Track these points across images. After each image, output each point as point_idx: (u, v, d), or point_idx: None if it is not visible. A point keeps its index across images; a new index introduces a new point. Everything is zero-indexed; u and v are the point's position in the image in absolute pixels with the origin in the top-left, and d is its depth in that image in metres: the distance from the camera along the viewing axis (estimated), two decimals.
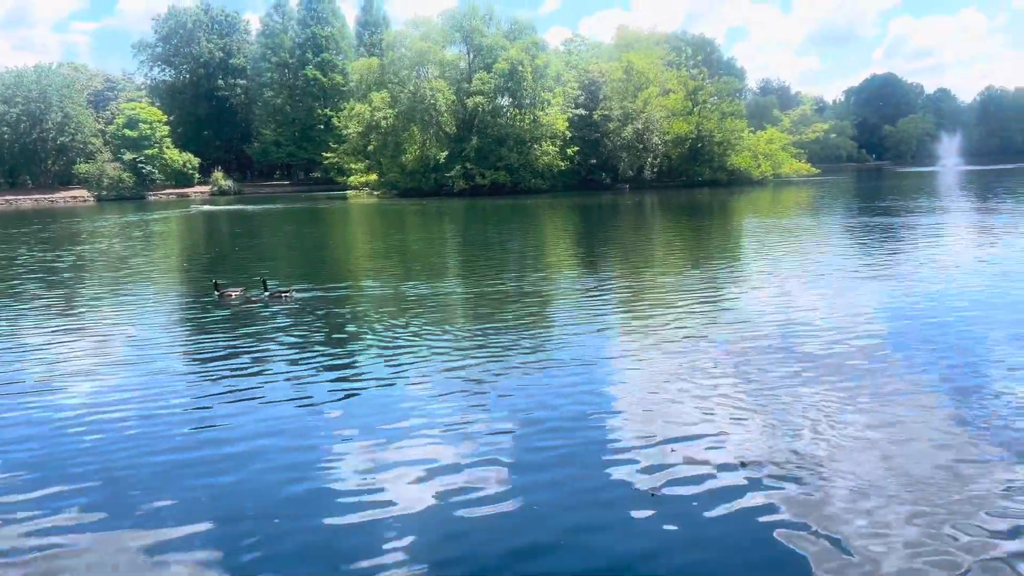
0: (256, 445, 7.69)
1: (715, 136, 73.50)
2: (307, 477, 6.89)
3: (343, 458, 7.30)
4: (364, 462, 7.17)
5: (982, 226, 28.16)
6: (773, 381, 9.11)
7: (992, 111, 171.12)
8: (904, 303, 13.76)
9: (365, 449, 7.50)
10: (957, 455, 6.80)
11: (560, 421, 8.05)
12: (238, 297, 16.28)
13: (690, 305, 14.13)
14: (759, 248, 24.11)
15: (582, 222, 40.40)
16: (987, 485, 6.20)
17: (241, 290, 16.73)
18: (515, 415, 8.30)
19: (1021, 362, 9.64)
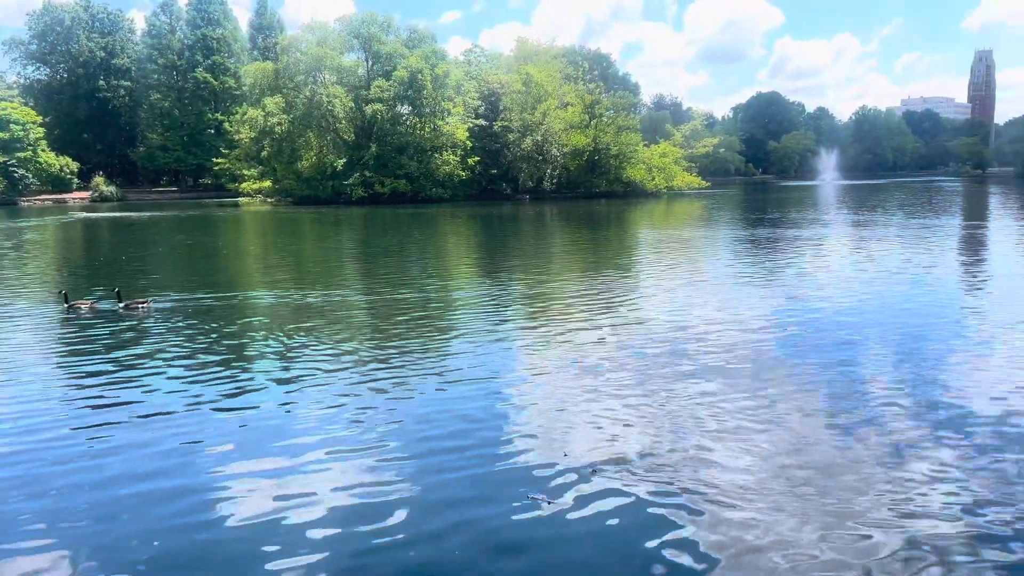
0: (130, 468, 7.13)
1: (611, 149, 75.25)
2: (187, 497, 6.44)
3: (226, 474, 6.88)
4: (249, 480, 6.78)
5: (857, 237, 29.83)
6: (665, 385, 9.23)
7: (866, 129, 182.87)
8: (787, 310, 14.32)
9: (249, 467, 7.10)
10: (836, 455, 7.03)
11: (457, 434, 7.86)
12: (89, 309, 15.29)
13: (588, 314, 14.22)
14: (654, 258, 24.68)
15: (483, 232, 40.37)
16: (863, 482, 6.41)
17: (91, 302, 15.76)
18: (411, 427, 8.08)
19: (895, 365, 10.13)
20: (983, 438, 7.36)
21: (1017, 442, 7.25)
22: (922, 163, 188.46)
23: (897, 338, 11.74)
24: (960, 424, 7.76)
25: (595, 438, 7.61)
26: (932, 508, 5.95)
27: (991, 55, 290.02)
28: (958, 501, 6.06)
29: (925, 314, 13.73)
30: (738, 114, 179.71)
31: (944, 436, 7.43)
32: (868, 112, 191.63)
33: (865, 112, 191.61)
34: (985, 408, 8.22)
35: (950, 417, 7.96)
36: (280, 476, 6.83)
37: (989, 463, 6.77)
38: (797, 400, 8.65)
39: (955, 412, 8.12)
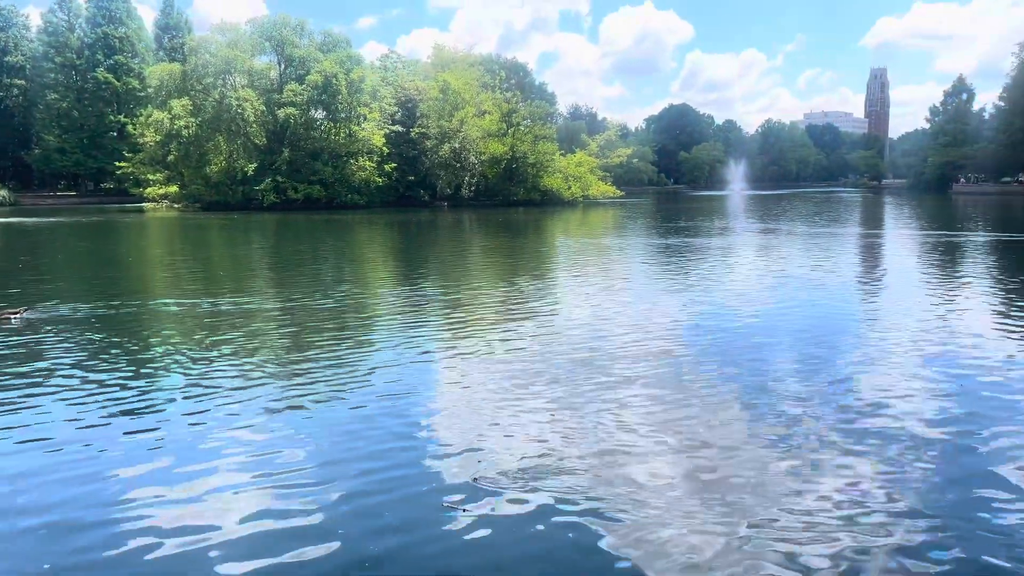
0: (27, 500, 6.62)
1: (529, 158, 75.82)
2: (91, 531, 6.00)
3: (133, 501, 6.45)
4: (157, 508, 6.37)
5: (765, 245, 30.88)
6: (581, 393, 9.24)
7: (771, 142, 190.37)
8: (699, 316, 14.61)
9: (156, 492, 6.67)
10: (746, 458, 7.13)
11: (374, 446, 7.64)
12: None
13: (505, 321, 14.18)
14: (571, 265, 24.89)
15: (401, 239, 39.91)
16: (774, 480, 6.53)
17: None
18: (327, 441, 7.81)
19: (800, 369, 10.44)
20: (884, 437, 7.61)
21: (914, 441, 7.53)
22: (823, 174, 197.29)
23: (802, 342, 12.11)
24: (861, 424, 8.03)
25: (512, 446, 7.52)
26: (839, 508, 6.09)
27: (885, 73, 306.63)
28: (861, 500, 6.23)
29: (828, 317, 14.27)
30: (651, 125, 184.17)
31: (847, 437, 7.67)
32: (773, 125, 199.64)
33: (771, 125, 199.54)
34: (883, 408, 8.52)
35: (852, 418, 8.24)
36: (190, 502, 6.37)
37: (889, 462, 7.00)
38: (709, 405, 8.79)
39: (856, 413, 8.40)
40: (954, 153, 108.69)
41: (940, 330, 12.77)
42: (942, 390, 9.16)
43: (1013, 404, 8.61)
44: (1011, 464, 6.85)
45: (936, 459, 7.00)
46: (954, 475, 6.64)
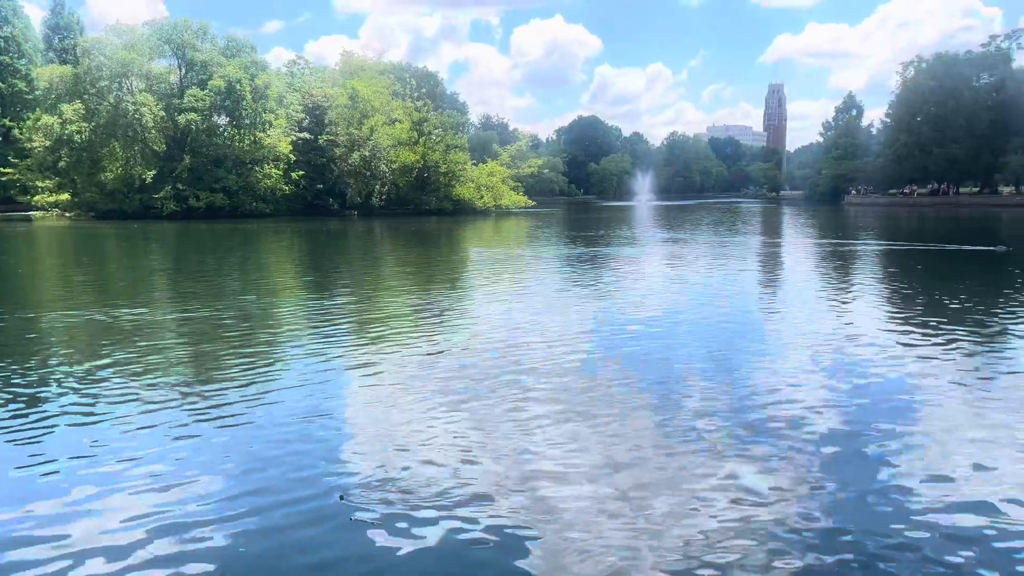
0: None
1: (441, 167, 75.68)
2: None
3: (21, 536, 5.94)
4: (49, 545, 5.88)
5: (672, 253, 31.69)
6: (494, 400, 9.15)
7: (676, 154, 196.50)
8: (609, 323, 14.78)
9: (46, 527, 6.17)
10: (657, 467, 7.20)
11: (279, 465, 7.30)
12: None
13: (416, 332, 13.97)
14: (483, 275, 24.83)
15: (309, 248, 38.98)
16: (690, 488, 6.59)
17: None
18: (232, 461, 7.42)
19: (709, 374, 10.67)
20: (793, 441, 7.82)
21: (819, 443, 7.76)
22: (726, 185, 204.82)
23: (709, 348, 12.39)
24: (767, 430, 8.21)
25: (425, 461, 7.35)
26: (752, 514, 6.18)
27: (783, 88, 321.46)
28: (771, 507, 6.35)
29: (733, 323, 14.65)
30: (561, 136, 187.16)
31: (756, 441, 7.83)
32: (678, 138, 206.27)
33: (676, 138, 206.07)
34: (788, 413, 8.76)
35: (759, 424, 8.43)
36: (81, 541, 5.93)
37: (797, 465, 7.19)
38: (619, 413, 8.84)
39: (762, 419, 8.61)
40: (845, 166, 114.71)
41: (837, 335, 13.30)
42: (842, 393, 9.49)
43: (907, 406, 9.01)
44: (909, 464, 7.13)
45: (839, 462, 7.22)
46: (858, 475, 6.86)
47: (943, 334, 12.95)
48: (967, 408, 8.84)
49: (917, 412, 8.72)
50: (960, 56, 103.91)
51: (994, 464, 7.04)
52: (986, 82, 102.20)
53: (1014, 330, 13.50)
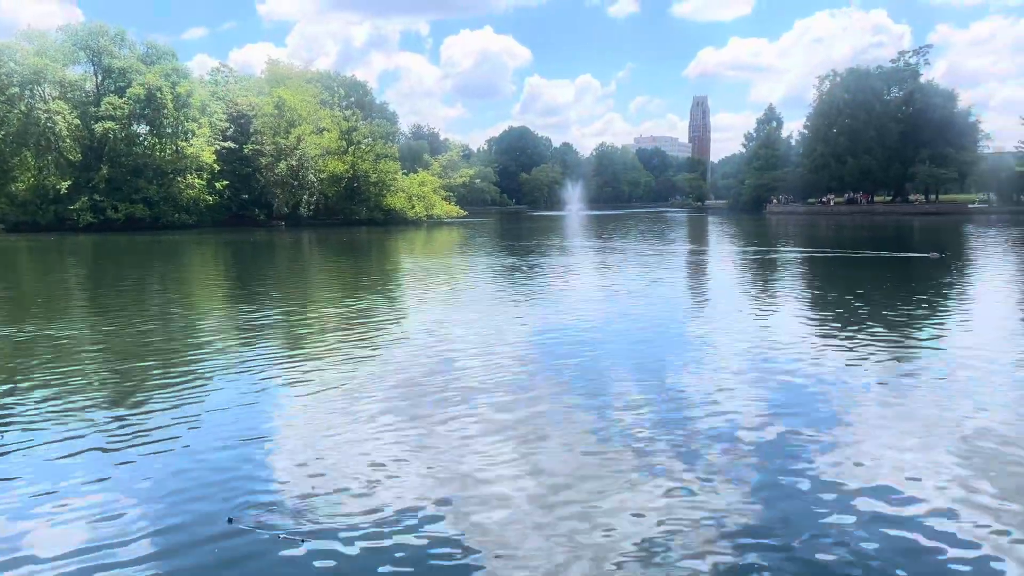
0: None
1: (371, 176, 74.90)
2: None
3: None
4: None
5: (602, 262, 32.10)
6: (427, 411, 9.07)
7: (605, 164, 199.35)
8: (542, 332, 14.84)
9: None
10: (594, 468, 7.24)
11: (205, 487, 7.05)
12: None
13: (347, 345, 13.74)
14: (416, 285, 24.65)
15: (234, 260, 37.97)
16: (619, 491, 6.64)
17: None
18: (153, 482, 7.13)
19: (641, 381, 10.81)
20: (724, 443, 7.97)
21: (749, 445, 7.94)
22: (653, 195, 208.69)
23: (639, 354, 12.57)
24: (699, 435, 8.35)
25: (357, 477, 7.21)
26: (685, 515, 6.26)
27: (707, 101, 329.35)
28: (705, 509, 6.44)
29: (661, 329, 14.92)
30: (493, 146, 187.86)
31: (688, 445, 7.95)
32: (607, 148, 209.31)
33: (604, 148, 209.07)
34: (720, 416, 8.94)
35: (692, 429, 8.57)
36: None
37: (727, 466, 7.33)
38: (554, 422, 8.86)
39: (694, 423, 8.76)
40: (767, 176, 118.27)
41: (764, 339, 13.66)
42: (770, 397, 9.74)
43: (829, 405, 9.30)
44: (831, 461, 7.35)
45: (769, 463, 7.38)
46: (787, 475, 7.03)
47: (866, 337, 13.44)
48: (886, 407, 9.18)
49: (838, 411, 8.99)
50: (872, 71, 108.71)
51: (912, 459, 7.31)
52: (896, 96, 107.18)
53: (933, 332, 14.11)
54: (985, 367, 11.07)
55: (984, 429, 8.18)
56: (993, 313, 17.14)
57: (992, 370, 10.92)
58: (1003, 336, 13.86)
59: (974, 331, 14.46)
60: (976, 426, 8.28)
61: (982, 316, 16.50)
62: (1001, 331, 14.45)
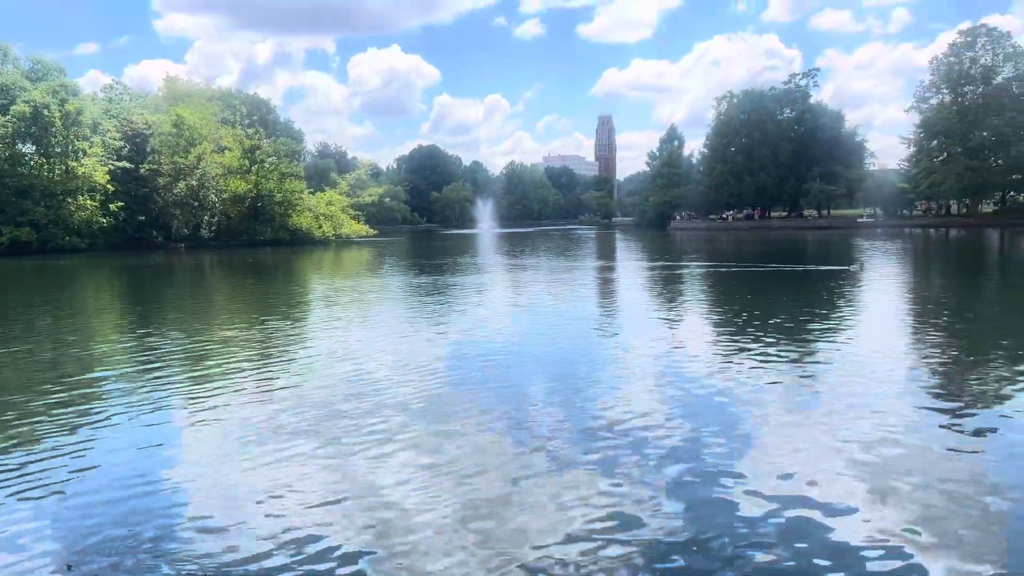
0: None
1: (275, 196, 73.11)
2: None
3: None
4: None
5: (514, 279, 32.24)
6: (338, 436, 8.80)
7: (515, 183, 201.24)
8: (456, 351, 14.71)
9: None
10: (512, 487, 7.16)
11: (106, 525, 6.59)
12: None
13: (255, 372, 13.24)
14: (325, 306, 24.10)
15: (130, 285, 36.18)
16: (543, 511, 6.58)
17: None
18: (47, 526, 6.61)
19: (558, 393, 10.83)
20: (637, 455, 8.01)
21: (662, 454, 8.02)
22: (562, 213, 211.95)
23: (554, 369, 12.62)
24: (616, 446, 8.39)
25: (269, 510, 6.89)
26: (603, 527, 6.24)
27: (612, 120, 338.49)
28: (623, 518, 6.44)
29: (575, 344, 15.02)
30: (402, 165, 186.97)
31: (602, 458, 7.97)
32: (516, 167, 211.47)
33: (514, 167, 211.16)
34: (634, 428, 9.02)
35: (609, 441, 8.59)
36: None
37: (640, 476, 7.37)
38: (470, 443, 8.74)
39: (610, 435, 8.79)
40: (670, 193, 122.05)
41: (670, 351, 13.95)
42: (680, 407, 9.90)
43: (740, 416, 9.53)
44: (742, 466, 7.51)
45: (680, 471, 7.48)
46: (697, 481, 7.14)
47: (774, 347, 13.89)
48: (793, 414, 9.49)
49: (744, 418, 9.25)
50: (766, 92, 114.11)
51: (818, 464, 7.55)
52: (788, 116, 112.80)
53: (836, 341, 14.71)
54: (886, 372, 11.63)
55: (879, 431, 8.54)
56: (893, 320, 18.05)
57: (891, 375, 11.48)
58: (903, 342, 14.62)
59: (876, 337, 15.18)
60: (872, 428, 8.64)
61: (884, 323, 17.36)
62: (902, 337, 15.24)
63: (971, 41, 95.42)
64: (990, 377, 11.55)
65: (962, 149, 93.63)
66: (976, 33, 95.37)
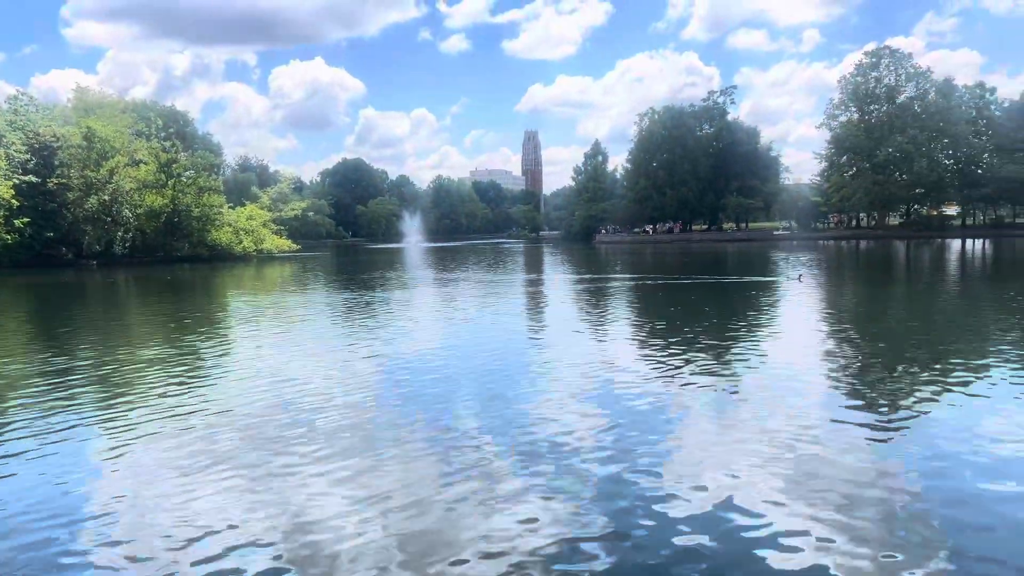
0: None
1: (193, 211, 70.86)
2: None
3: None
4: None
5: (442, 293, 32.02)
6: (264, 458, 8.49)
7: (442, 197, 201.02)
8: (385, 367, 14.43)
9: None
10: (441, 501, 7.01)
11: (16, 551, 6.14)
12: None
13: (174, 393, 12.68)
14: (247, 324, 23.39)
15: (36, 305, 34.31)
16: (475, 523, 6.46)
17: None
18: None
19: (488, 406, 10.72)
20: (566, 464, 8.00)
21: (591, 463, 8.02)
22: (491, 227, 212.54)
23: (483, 383, 12.52)
24: (544, 458, 8.35)
25: (191, 538, 6.55)
26: (534, 542, 6.18)
27: (537, 135, 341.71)
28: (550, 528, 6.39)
29: (504, 357, 14.98)
30: (326, 179, 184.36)
31: (532, 469, 7.93)
32: (444, 181, 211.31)
33: (441, 181, 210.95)
34: (563, 438, 8.99)
35: (536, 452, 8.56)
36: None
37: (571, 486, 7.34)
38: (401, 457, 8.57)
39: (539, 445, 8.76)
40: (595, 208, 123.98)
41: (599, 363, 14.02)
42: (608, 418, 9.96)
43: (663, 421, 9.65)
44: (668, 473, 7.59)
45: (609, 479, 7.52)
46: (626, 488, 7.19)
47: (701, 356, 14.12)
48: (716, 420, 9.66)
49: (672, 427, 9.39)
50: (685, 108, 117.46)
51: (739, 467, 7.71)
52: (707, 131, 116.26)
53: (758, 350, 15.06)
54: (805, 377, 11.98)
55: (797, 436, 8.76)
56: (813, 328, 18.61)
57: (810, 380, 11.84)
58: (823, 348, 15.09)
59: (797, 345, 15.62)
60: (791, 433, 8.86)
61: (804, 331, 17.87)
62: (821, 344, 15.73)
63: (875, 62, 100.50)
64: (901, 381, 12.03)
65: (869, 165, 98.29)
66: (880, 54, 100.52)
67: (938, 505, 6.77)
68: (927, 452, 8.27)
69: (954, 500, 6.89)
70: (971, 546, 5.98)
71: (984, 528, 6.33)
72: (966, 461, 7.93)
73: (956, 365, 13.05)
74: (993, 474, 7.54)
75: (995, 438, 8.68)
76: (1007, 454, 8.17)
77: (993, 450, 8.27)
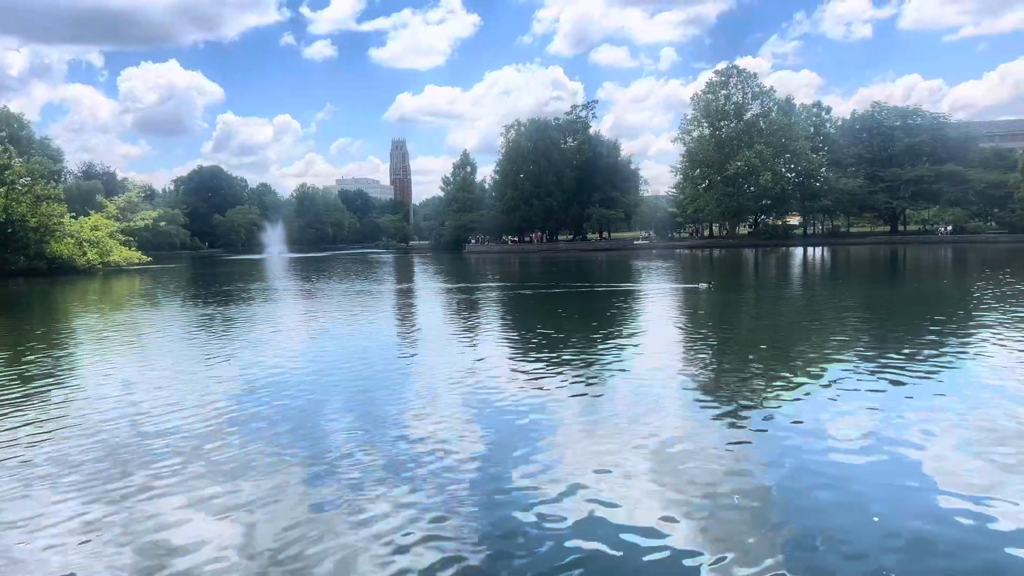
0: None
1: (29, 221, 65.39)
2: None
3: None
4: None
5: (307, 305, 31.08)
6: (114, 483, 7.86)
7: (307, 206, 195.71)
8: (249, 383, 13.76)
9: None
10: (308, 519, 6.72)
11: None
12: None
13: (10, 418, 11.54)
14: (92, 342, 21.72)
15: None
16: (349, 537, 6.21)
17: None
18: None
19: (358, 418, 10.42)
20: (442, 472, 7.92)
21: (467, 472, 7.96)
22: (358, 237, 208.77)
23: (353, 396, 12.23)
24: (420, 468, 8.22)
25: None
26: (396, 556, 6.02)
27: (405, 144, 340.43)
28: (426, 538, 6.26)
29: (375, 369, 14.69)
30: (181, 187, 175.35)
31: (407, 479, 7.78)
32: (308, 190, 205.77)
33: (306, 190, 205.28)
34: (437, 446, 8.89)
35: (407, 459, 8.42)
36: None
37: (447, 494, 7.23)
38: (269, 474, 8.17)
39: (412, 454, 8.62)
40: (464, 217, 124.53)
41: (473, 371, 14.00)
42: (478, 426, 9.99)
43: (536, 426, 9.76)
44: (543, 476, 7.64)
45: (485, 486, 7.54)
46: (503, 494, 7.21)
47: (571, 363, 14.35)
48: (590, 424, 9.87)
49: (546, 431, 9.56)
50: (550, 122, 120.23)
51: (616, 467, 7.97)
52: (571, 144, 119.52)
53: (625, 355, 15.48)
54: (668, 382, 12.43)
55: (669, 433, 9.09)
56: (675, 334, 19.37)
57: (672, 386, 12.30)
58: (685, 353, 15.73)
59: (661, 350, 16.20)
60: (662, 431, 9.17)
61: (667, 338, 18.57)
62: (683, 348, 16.39)
63: (725, 80, 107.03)
64: (756, 383, 12.75)
65: (720, 177, 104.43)
66: (728, 73, 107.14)
67: (785, 501, 7.25)
68: (778, 452, 8.80)
69: (798, 493, 7.38)
70: (812, 532, 6.45)
71: (817, 511, 6.87)
72: (811, 458, 8.51)
73: (803, 366, 14.03)
74: (834, 466, 8.15)
75: (837, 436, 9.38)
76: (847, 447, 8.83)
77: (836, 445, 8.93)
